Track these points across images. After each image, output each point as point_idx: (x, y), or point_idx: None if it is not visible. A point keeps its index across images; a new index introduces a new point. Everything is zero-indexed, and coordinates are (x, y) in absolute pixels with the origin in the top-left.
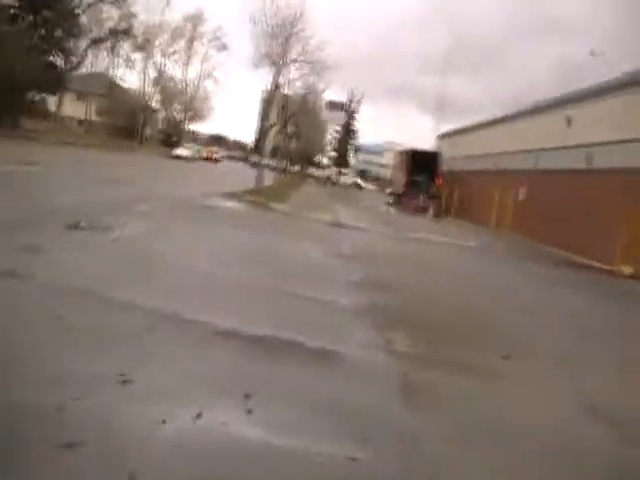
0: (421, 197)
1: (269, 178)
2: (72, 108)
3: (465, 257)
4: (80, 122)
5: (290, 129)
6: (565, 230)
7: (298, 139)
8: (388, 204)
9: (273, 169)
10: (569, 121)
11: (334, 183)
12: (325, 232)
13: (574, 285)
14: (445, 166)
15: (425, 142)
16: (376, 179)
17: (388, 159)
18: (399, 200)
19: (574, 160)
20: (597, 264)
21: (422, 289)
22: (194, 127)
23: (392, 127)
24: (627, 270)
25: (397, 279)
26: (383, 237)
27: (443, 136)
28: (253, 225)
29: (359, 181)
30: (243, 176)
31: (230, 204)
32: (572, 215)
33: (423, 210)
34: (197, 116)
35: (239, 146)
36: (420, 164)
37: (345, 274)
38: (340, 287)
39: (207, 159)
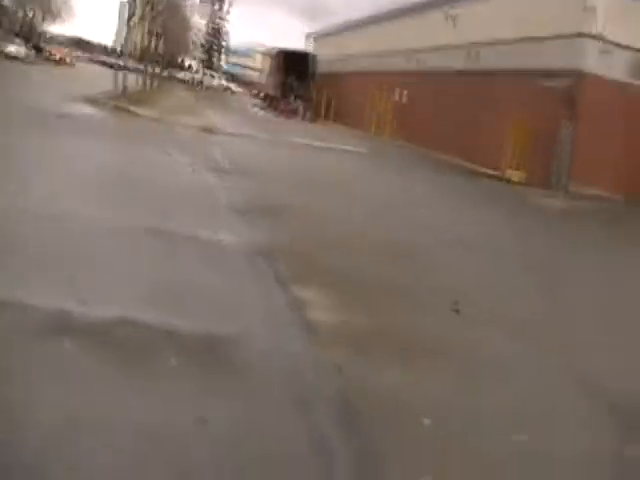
0: (293, 99)
1: (134, 82)
2: None
3: (360, 167)
4: None
5: (156, 29)
6: (451, 135)
7: (165, 40)
8: (260, 107)
9: (138, 73)
10: (454, 19)
11: (203, 87)
12: (198, 140)
13: (488, 199)
14: (320, 68)
15: (296, 45)
16: (246, 82)
17: (258, 62)
18: (272, 103)
19: (459, 60)
20: (488, 170)
21: (325, 214)
22: (54, 30)
23: (261, 30)
24: (516, 177)
25: (291, 201)
26: (262, 144)
27: (317, 37)
28: (116, 135)
29: (230, 84)
30: (106, 80)
31: (90, 111)
32: (458, 119)
33: (297, 113)
34: (56, 16)
35: (103, 50)
36: (293, 65)
37: (225, 196)
38: (221, 216)
39: (59, 62)
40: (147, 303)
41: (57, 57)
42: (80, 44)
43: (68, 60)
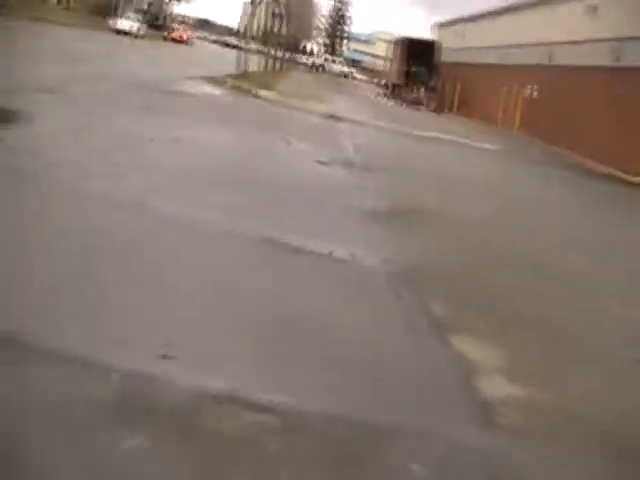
0: (419, 89)
1: (255, 64)
2: None
3: (494, 166)
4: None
5: (280, 11)
6: (586, 135)
7: (288, 23)
8: (382, 95)
9: (260, 54)
10: (593, 10)
11: (324, 70)
12: (321, 127)
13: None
14: (445, 57)
15: (418, 33)
16: (367, 69)
17: (379, 49)
18: (395, 91)
19: (598, 56)
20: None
21: (467, 221)
22: (180, 10)
23: (382, 18)
24: None
25: (429, 204)
26: (388, 135)
27: (442, 25)
28: (234, 118)
29: (351, 70)
30: (226, 60)
31: (208, 89)
32: (593, 117)
33: (420, 103)
34: None
35: (227, 30)
36: (418, 54)
37: (358, 197)
38: (352, 223)
39: (175, 39)
40: (256, 368)
41: (174, 35)
42: (205, 25)
43: (185, 37)
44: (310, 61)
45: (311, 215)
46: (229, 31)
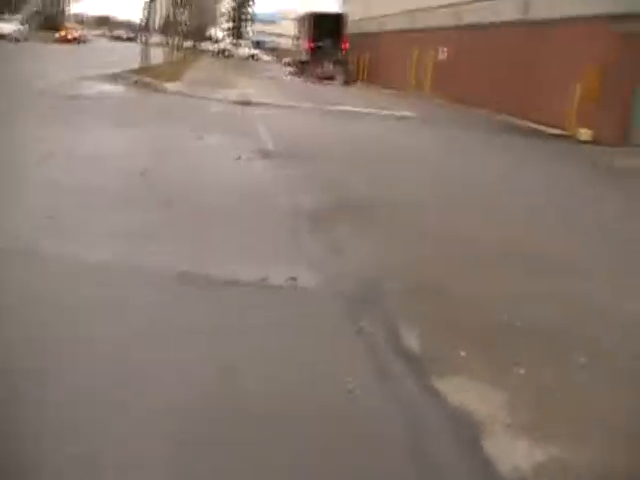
0: (327, 63)
1: (158, 56)
2: None
3: (420, 137)
4: None
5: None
6: (503, 92)
7: (190, 10)
8: (291, 74)
9: (162, 46)
10: None
11: (230, 56)
12: (234, 115)
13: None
14: (352, 29)
15: (325, 7)
16: (272, 50)
17: (284, 28)
18: (303, 68)
19: (506, 12)
20: (551, 129)
21: (417, 207)
22: (78, 9)
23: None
24: (584, 135)
25: (367, 191)
26: (306, 115)
27: None
28: (139, 116)
29: (256, 52)
30: (128, 56)
31: (110, 88)
32: (510, 75)
33: (330, 77)
34: None
35: (128, 26)
36: (324, 28)
37: (283, 192)
38: (289, 233)
39: (66, 39)
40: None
41: (64, 34)
42: (105, 22)
43: (76, 36)
44: (215, 48)
45: (234, 228)
46: (131, 26)
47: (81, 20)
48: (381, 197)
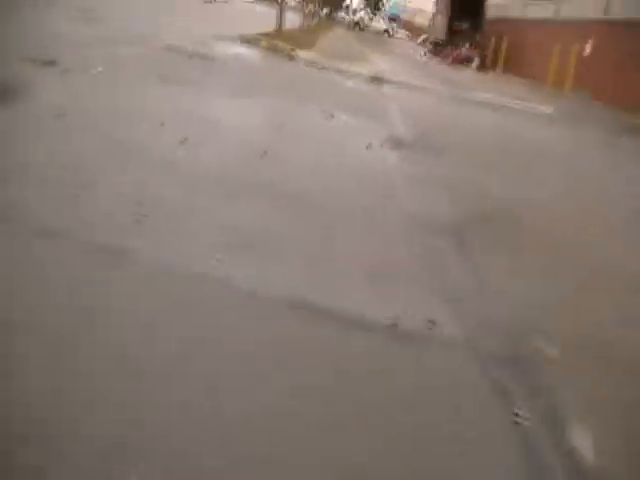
0: (465, 46)
1: (294, 22)
2: None
3: (567, 136)
4: None
5: None
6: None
7: None
8: (426, 53)
9: (299, 11)
10: None
11: (363, 28)
12: (365, 93)
13: None
14: (490, 12)
15: None
16: (406, 25)
17: (421, 3)
18: (439, 49)
19: None
20: None
21: (582, 239)
22: None
23: None
24: None
25: (524, 201)
26: (438, 99)
27: None
28: (268, 85)
29: (392, 26)
30: (263, 18)
31: (240, 50)
32: None
33: (467, 61)
34: None
35: None
36: (463, 9)
37: (421, 198)
38: (427, 255)
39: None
40: None
41: None
42: None
43: None
44: (350, 18)
45: (360, 244)
46: None
47: None
48: (531, 209)
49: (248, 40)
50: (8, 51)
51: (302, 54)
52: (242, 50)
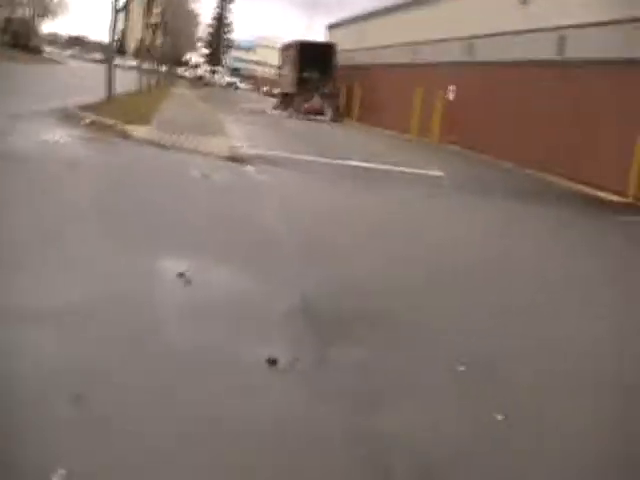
0: (316, 97)
1: (130, 82)
2: None
3: (470, 215)
4: None
5: (157, 21)
6: (529, 141)
7: (165, 34)
8: (276, 107)
9: (136, 70)
10: None
11: (207, 84)
12: (229, 189)
13: None
14: (341, 60)
15: (296, 36)
16: (249, 77)
17: (261, 56)
18: (289, 101)
19: (534, 48)
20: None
21: None
22: (50, 28)
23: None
24: None
25: None
26: (318, 179)
27: (335, 26)
28: (76, 196)
29: (236, 80)
30: (93, 81)
31: (53, 135)
32: (540, 121)
33: (319, 112)
34: (48, 12)
35: (100, 47)
36: (312, 58)
37: None
38: None
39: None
40: None
41: None
42: (77, 42)
43: None
44: (192, 74)
45: None
46: (103, 48)
47: (54, 40)
48: None
49: (68, 116)
50: None
51: (139, 130)
52: (57, 134)
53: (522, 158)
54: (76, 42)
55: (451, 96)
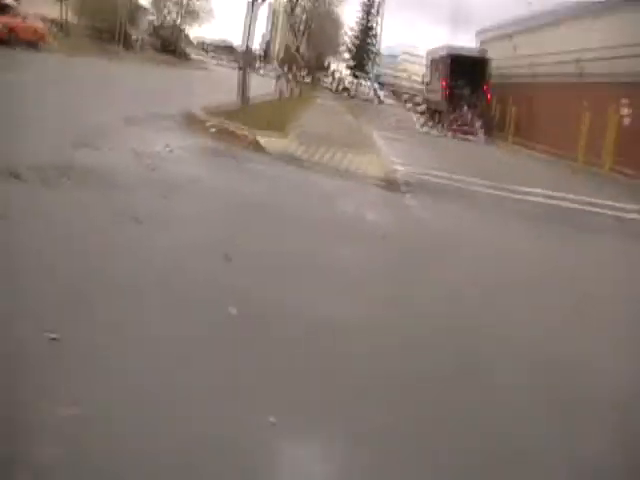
0: (469, 114)
1: (270, 90)
2: (46, 8)
3: None
4: (54, 23)
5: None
6: None
7: (310, 39)
8: (426, 123)
9: (278, 77)
10: None
11: (351, 95)
12: (382, 222)
13: None
14: (493, 72)
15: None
16: (392, 90)
17: (404, 67)
18: (437, 117)
19: None
20: None
21: None
22: (198, 33)
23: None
24: None
25: None
26: (494, 217)
27: (486, 37)
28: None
29: (381, 92)
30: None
31: (169, 146)
32: None
33: (473, 132)
34: (195, 18)
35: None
36: (464, 71)
37: None
38: None
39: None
40: None
41: None
42: (229, 50)
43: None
44: (334, 84)
45: None
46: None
47: (201, 46)
48: None
49: (192, 122)
50: None
51: (272, 142)
52: (173, 144)
53: None
54: (223, 48)
55: (625, 116)
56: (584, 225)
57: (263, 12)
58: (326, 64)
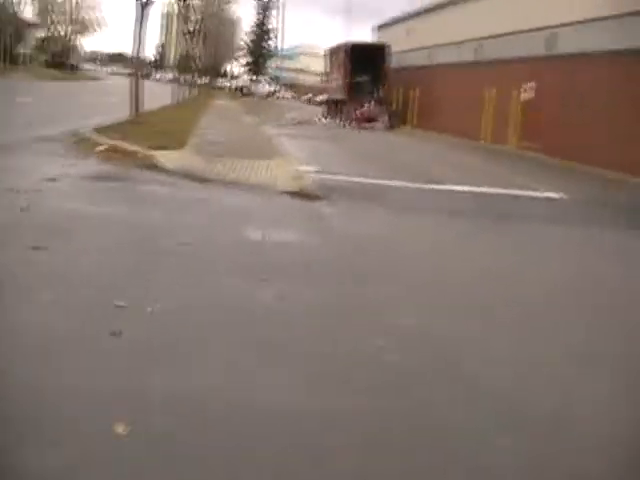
0: (368, 103)
1: (165, 96)
2: None
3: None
4: None
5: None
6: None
7: (204, 45)
8: (324, 116)
9: (174, 83)
10: None
11: (248, 94)
12: (308, 254)
13: None
14: (392, 62)
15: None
16: (291, 86)
17: (302, 64)
18: (337, 109)
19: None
20: None
21: None
22: (90, 46)
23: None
24: None
25: None
26: (416, 218)
27: (385, 26)
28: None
29: (277, 88)
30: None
31: (49, 175)
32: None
33: (374, 120)
34: (86, 30)
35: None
36: (364, 61)
37: None
38: None
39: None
40: None
41: None
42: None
43: None
44: (234, 84)
45: None
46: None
47: (95, 58)
48: None
49: (79, 141)
50: None
51: (167, 156)
52: (55, 171)
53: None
54: (117, 58)
55: (528, 96)
56: (495, 213)
57: (157, 17)
58: (224, 65)
